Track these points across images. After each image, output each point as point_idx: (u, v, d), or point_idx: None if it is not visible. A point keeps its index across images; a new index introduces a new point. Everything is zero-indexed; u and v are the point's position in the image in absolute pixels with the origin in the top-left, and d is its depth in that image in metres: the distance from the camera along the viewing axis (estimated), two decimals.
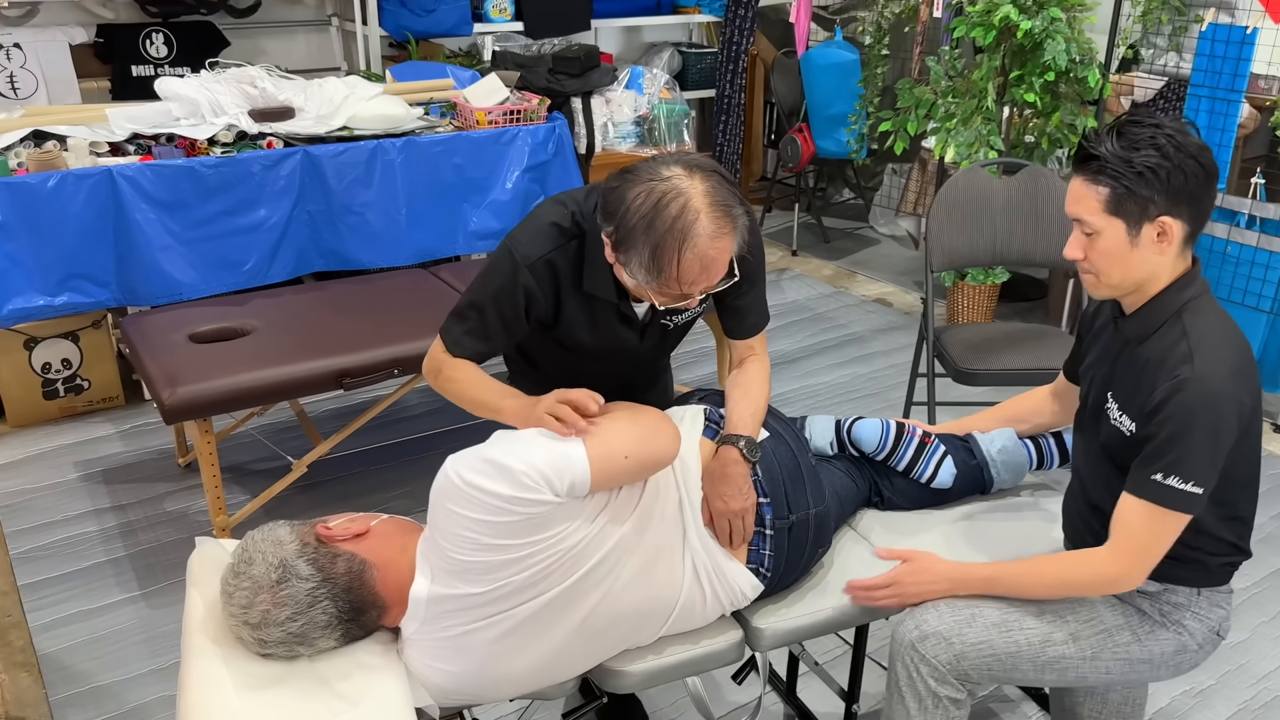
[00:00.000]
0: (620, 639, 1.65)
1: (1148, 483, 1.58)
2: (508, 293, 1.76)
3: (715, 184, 1.53)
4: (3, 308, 3.09)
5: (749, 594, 1.75)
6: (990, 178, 3.15)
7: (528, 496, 1.45)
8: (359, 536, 1.56)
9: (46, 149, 3.15)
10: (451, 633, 1.50)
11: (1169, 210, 1.57)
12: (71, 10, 4.60)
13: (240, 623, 1.48)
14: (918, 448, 2.03)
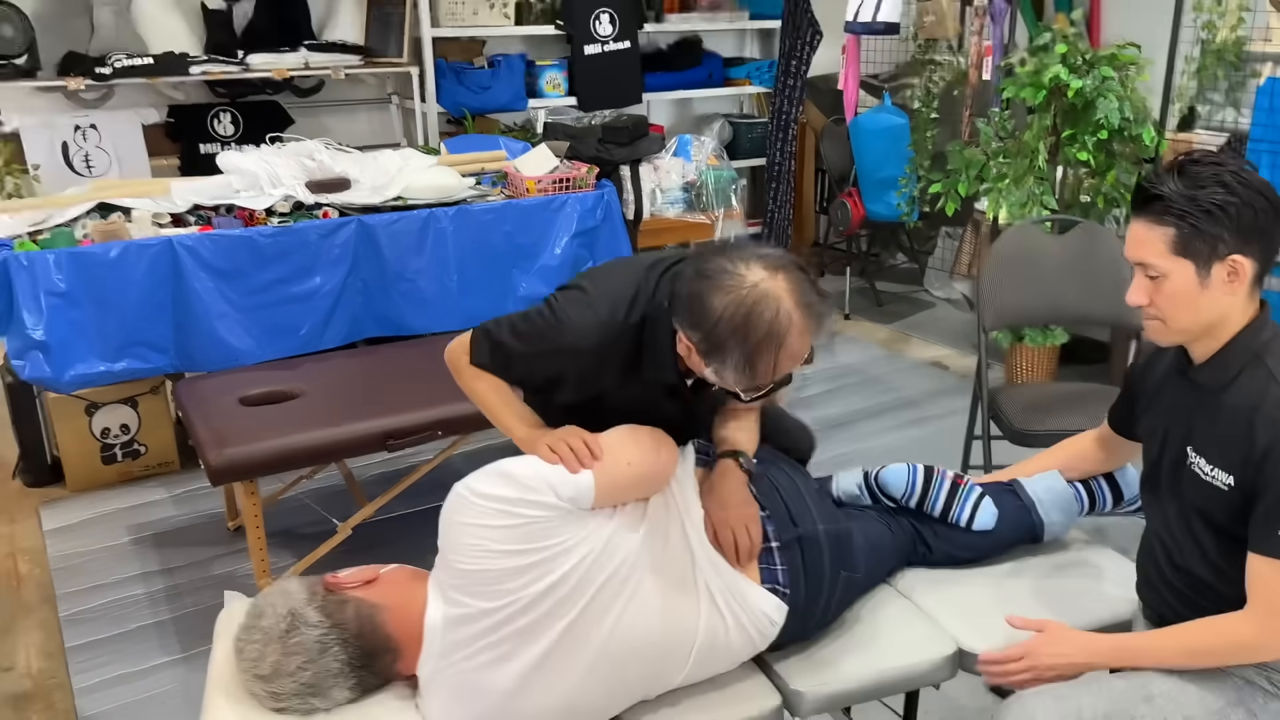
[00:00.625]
0: (644, 677, 1.60)
1: (1275, 539, 1.48)
2: (540, 363, 1.78)
3: (799, 280, 1.55)
4: (65, 374, 3.17)
5: (774, 617, 1.70)
6: (1043, 234, 3.09)
7: (530, 498, 1.49)
8: (368, 583, 1.56)
9: (111, 220, 3.26)
10: (468, 666, 1.48)
11: (1239, 248, 1.51)
12: (144, 92, 4.82)
13: (252, 676, 1.47)
14: (950, 490, 1.97)
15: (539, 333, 1.76)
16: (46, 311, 3.11)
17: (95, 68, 4.38)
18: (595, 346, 1.72)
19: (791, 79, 5.64)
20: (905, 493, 1.98)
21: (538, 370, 1.80)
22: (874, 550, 1.92)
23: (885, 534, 1.96)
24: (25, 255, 3.06)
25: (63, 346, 3.14)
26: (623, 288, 1.74)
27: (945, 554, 1.99)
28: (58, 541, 3.21)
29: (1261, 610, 1.51)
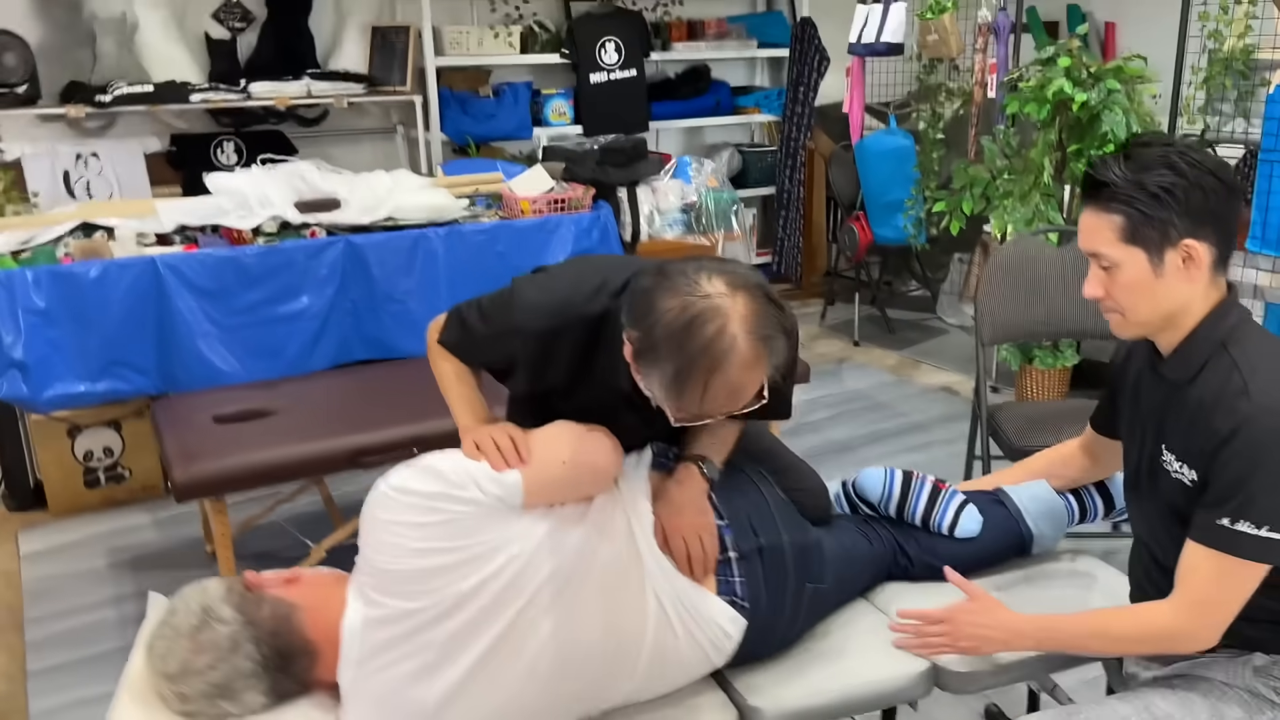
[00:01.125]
0: (587, 687, 1.49)
1: (1214, 528, 1.41)
2: (494, 346, 1.68)
3: (759, 307, 1.39)
4: (43, 393, 3.13)
5: (730, 630, 1.58)
6: (1044, 246, 2.98)
7: (452, 493, 1.40)
8: (289, 583, 1.47)
9: (93, 239, 3.23)
10: (389, 675, 1.38)
11: (1192, 232, 1.43)
12: (147, 121, 4.83)
13: (160, 675, 1.38)
14: (931, 495, 1.86)
15: (496, 311, 1.66)
16: (25, 330, 3.07)
17: (96, 96, 4.40)
18: (542, 331, 1.59)
19: (800, 106, 5.59)
20: (882, 497, 1.87)
21: (492, 353, 1.70)
22: (847, 561, 1.80)
23: (861, 543, 1.84)
24: (3, 273, 3.03)
25: (41, 366, 3.10)
26: (587, 276, 1.63)
27: (927, 566, 1.87)
28: (33, 565, 3.14)
29: (1185, 599, 1.45)
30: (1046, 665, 1.72)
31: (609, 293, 1.60)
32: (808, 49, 5.54)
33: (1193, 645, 1.47)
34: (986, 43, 4.12)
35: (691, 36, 5.87)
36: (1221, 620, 1.44)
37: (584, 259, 1.75)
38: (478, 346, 1.70)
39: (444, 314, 1.75)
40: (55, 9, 4.51)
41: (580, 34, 5.50)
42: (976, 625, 1.60)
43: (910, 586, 1.85)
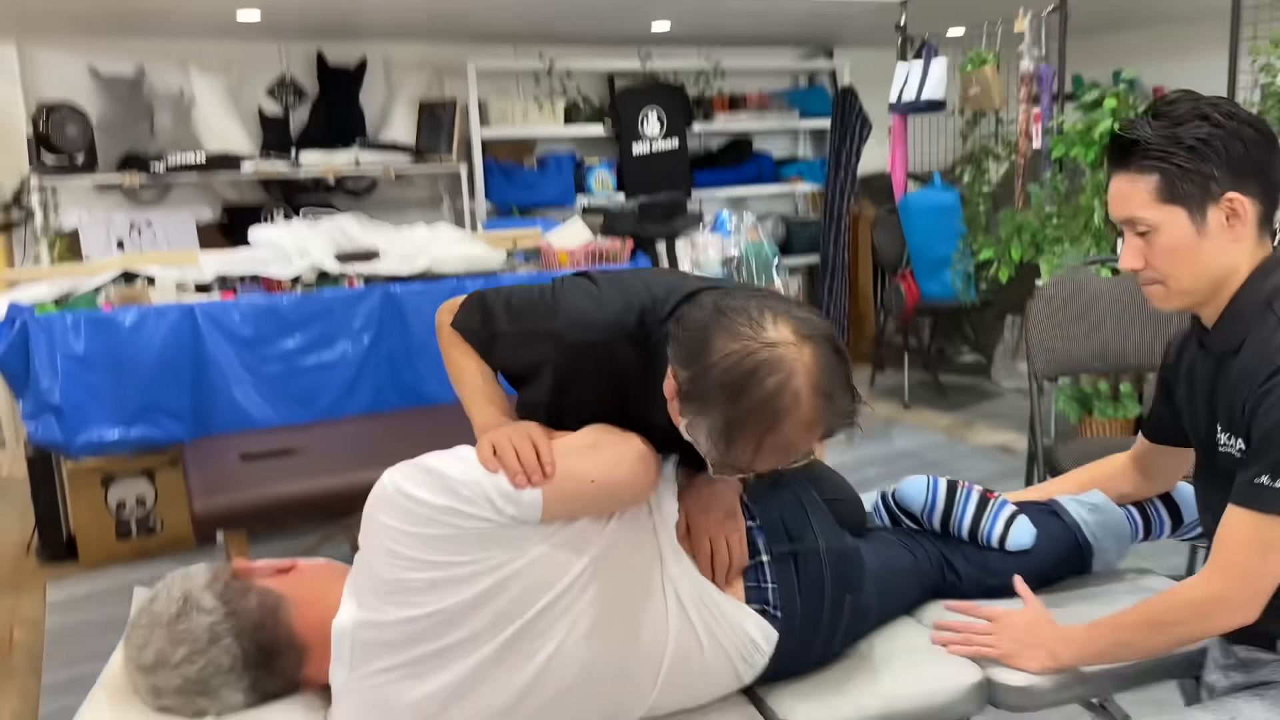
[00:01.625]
0: (602, 704, 1.34)
1: (1252, 488, 1.29)
2: (522, 348, 1.50)
3: (826, 362, 1.24)
4: (76, 438, 3.12)
5: (760, 642, 1.43)
6: (1096, 277, 2.86)
7: (463, 509, 1.25)
8: (282, 572, 1.36)
9: (133, 287, 3.26)
10: (380, 680, 1.25)
11: (1234, 185, 1.33)
12: (200, 192, 4.95)
13: (135, 668, 1.28)
14: (979, 504, 1.71)
15: (531, 311, 1.50)
16: (62, 375, 3.08)
17: (151, 165, 4.52)
18: (580, 344, 1.43)
19: (842, 172, 5.58)
20: (925, 507, 1.73)
21: (513, 354, 1.53)
22: (889, 574, 1.65)
23: (905, 557, 1.70)
24: (44, 317, 3.05)
25: (76, 410, 3.10)
26: (637, 295, 1.46)
27: (977, 583, 1.71)
28: (59, 613, 3.08)
29: (1221, 565, 1.34)
30: (1112, 682, 1.55)
31: (657, 317, 1.43)
32: (849, 116, 5.55)
33: (1232, 615, 1.34)
34: (1029, 93, 4.06)
35: (733, 108, 5.93)
36: (1262, 588, 1.31)
37: (636, 272, 1.55)
38: (499, 343, 1.53)
39: (459, 297, 1.60)
40: (116, 84, 4.68)
41: (623, 106, 5.57)
42: (1023, 629, 1.51)
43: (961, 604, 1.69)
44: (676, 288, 1.47)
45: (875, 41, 5.64)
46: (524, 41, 5.48)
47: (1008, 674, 1.50)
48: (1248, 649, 1.45)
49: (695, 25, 5.26)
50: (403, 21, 4.85)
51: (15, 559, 3.51)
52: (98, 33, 4.63)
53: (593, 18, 4.90)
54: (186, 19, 4.41)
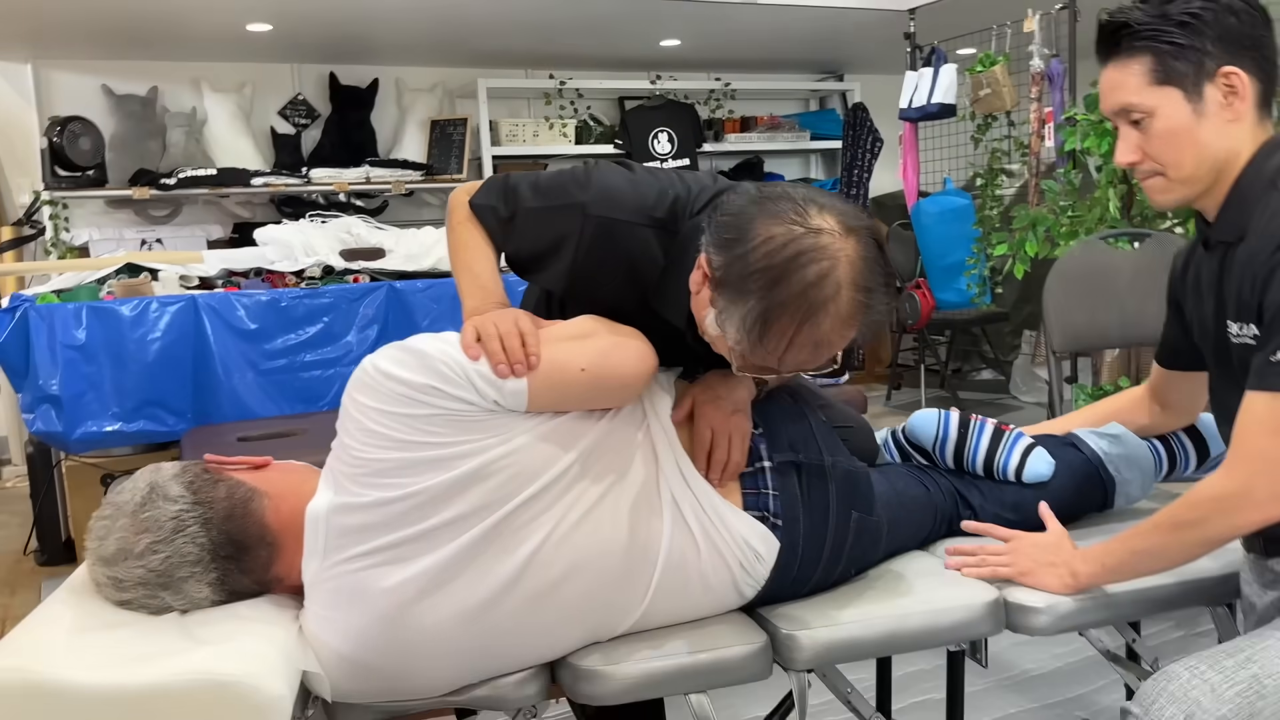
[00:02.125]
0: (590, 603, 1.26)
1: (1267, 368, 1.21)
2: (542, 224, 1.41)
3: (870, 257, 1.20)
4: (75, 430, 3.07)
5: (761, 550, 1.35)
6: (1111, 250, 2.79)
7: (444, 389, 1.19)
8: (256, 468, 1.29)
9: (137, 279, 3.24)
10: (354, 566, 1.18)
11: (1230, 60, 1.27)
12: (211, 209, 4.97)
13: (95, 560, 1.20)
14: (993, 436, 1.62)
15: (559, 186, 1.42)
16: (62, 365, 3.04)
17: (162, 180, 4.54)
18: (605, 221, 1.36)
19: (854, 189, 5.55)
20: (936, 440, 1.65)
21: (539, 231, 1.42)
22: (900, 503, 1.56)
23: (917, 489, 1.61)
24: (45, 307, 3.03)
25: (75, 401, 3.06)
26: (673, 185, 1.41)
27: (994, 517, 1.62)
28: None
29: (1238, 455, 1.25)
30: (1136, 606, 1.45)
31: (690, 209, 1.37)
32: (860, 132, 5.55)
33: (1258, 510, 1.24)
34: (1041, 92, 4.03)
35: (744, 130, 5.93)
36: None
37: (676, 170, 1.53)
38: (519, 220, 1.42)
39: (477, 183, 1.49)
40: (129, 103, 4.73)
41: (633, 125, 5.59)
42: (1042, 548, 1.43)
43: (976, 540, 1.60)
44: (712, 185, 1.42)
45: (885, 67, 5.66)
46: (535, 64, 5.52)
47: (1025, 594, 1.41)
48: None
49: (705, 48, 5.29)
50: (415, 44, 4.91)
51: (13, 561, 3.46)
52: (112, 54, 4.70)
53: (603, 38, 4.94)
54: (199, 38, 4.46)
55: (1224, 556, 1.49)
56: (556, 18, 4.49)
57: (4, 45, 4.45)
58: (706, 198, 1.39)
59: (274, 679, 1.07)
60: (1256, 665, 1.23)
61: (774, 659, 1.34)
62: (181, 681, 1.04)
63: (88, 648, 1.09)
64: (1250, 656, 1.24)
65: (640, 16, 4.53)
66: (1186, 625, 2.45)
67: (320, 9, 4.05)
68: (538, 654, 1.26)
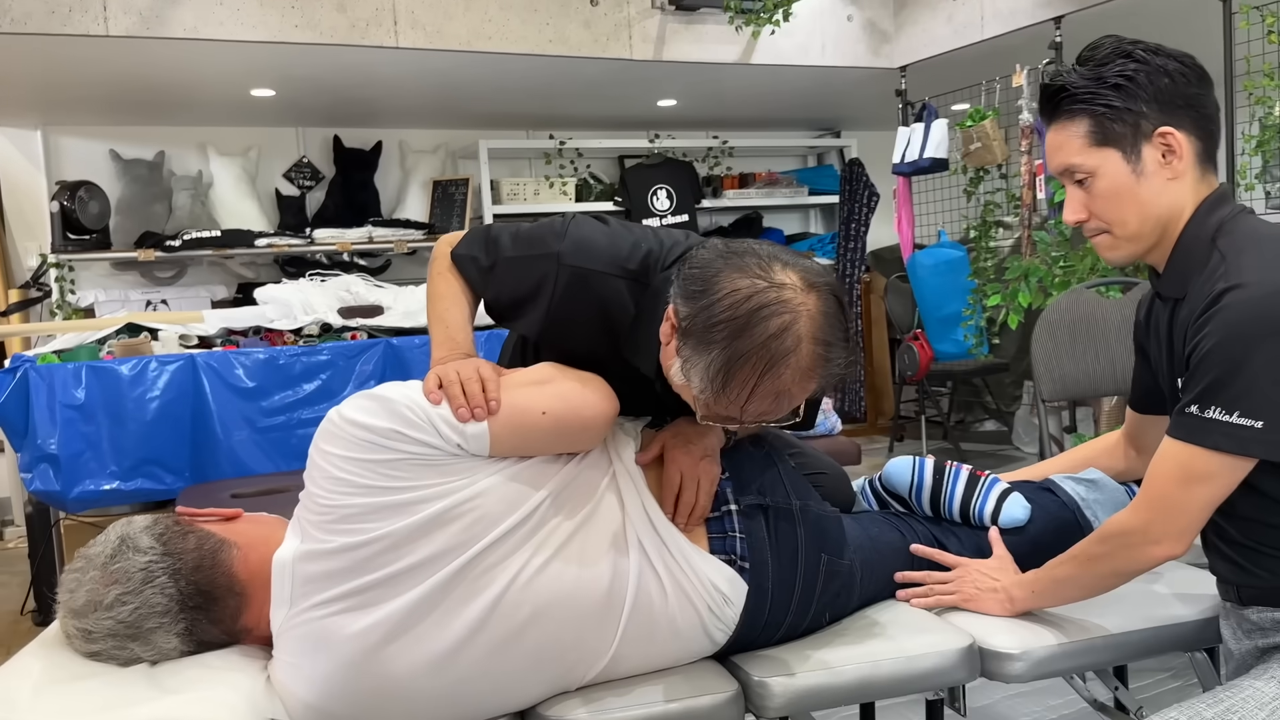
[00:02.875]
0: (557, 648, 1.26)
1: (1182, 418, 1.26)
2: (518, 271, 1.47)
3: (830, 312, 1.24)
4: (73, 489, 3.09)
5: (729, 593, 1.35)
6: (1099, 299, 2.81)
7: (409, 433, 1.22)
8: (226, 520, 1.31)
9: (137, 339, 3.28)
10: (320, 613, 1.19)
11: (1165, 120, 1.31)
12: (216, 270, 5.04)
13: (66, 612, 1.22)
14: (969, 481, 1.63)
15: (538, 237, 1.48)
16: (60, 424, 3.07)
17: (166, 241, 4.62)
18: (583, 271, 1.41)
19: (852, 242, 5.60)
20: (912, 487, 1.66)
21: (518, 279, 1.47)
22: (874, 549, 1.57)
23: (892, 535, 1.62)
24: (44, 367, 3.06)
25: (73, 461, 3.08)
26: (646, 240, 1.46)
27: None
28: None
29: (1145, 496, 1.32)
30: (1112, 653, 1.45)
31: (661, 263, 1.42)
32: (857, 187, 5.61)
33: (1156, 547, 1.30)
34: (1031, 145, 4.08)
35: (743, 185, 6.00)
36: (1183, 524, 1.28)
37: (647, 226, 1.56)
38: (498, 269, 1.48)
39: (459, 234, 1.55)
40: (136, 167, 4.82)
41: (632, 183, 5.67)
42: (984, 574, 1.52)
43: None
44: (684, 240, 1.48)
45: (881, 123, 5.73)
46: (535, 125, 5.62)
47: (1000, 640, 1.42)
48: (1259, 610, 1.35)
49: (702, 107, 5.38)
50: (417, 107, 5.01)
51: (10, 620, 3.46)
52: (120, 119, 4.81)
53: (601, 100, 5.04)
54: (205, 103, 4.57)
55: (1200, 603, 1.50)
56: (556, 81, 4.59)
57: (15, 113, 4.56)
58: (678, 252, 1.43)
59: None
60: (1236, 716, 1.23)
61: (746, 708, 1.34)
62: None
63: (54, 698, 1.10)
64: (1230, 707, 1.24)
65: (637, 79, 4.62)
66: (1184, 675, 2.42)
67: (323, 75, 4.15)
68: (505, 702, 1.27)
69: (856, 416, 5.68)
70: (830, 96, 5.32)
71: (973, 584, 1.50)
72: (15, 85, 4.08)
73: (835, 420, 3.08)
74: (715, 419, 1.29)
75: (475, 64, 4.17)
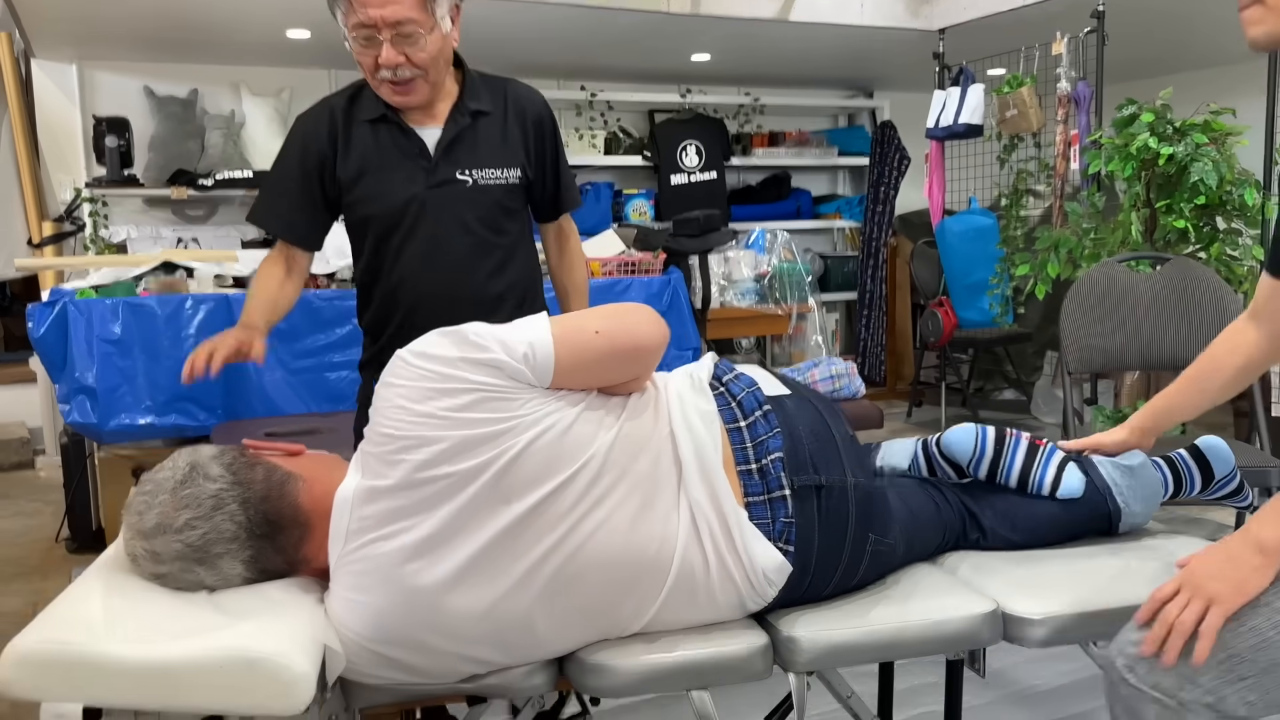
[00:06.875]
0: (605, 606, 1.30)
1: None
2: (289, 147, 1.91)
3: None
4: (109, 422, 3.15)
5: (772, 574, 1.36)
6: (1130, 273, 2.81)
7: (475, 357, 1.26)
8: (291, 454, 1.35)
9: (173, 277, 3.32)
10: (383, 549, 1.22)
11: None
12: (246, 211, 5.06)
13: (134, 534, 1.26)
14: (1028, 451, 1.63)
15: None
16: (98, 358, 3.13)
17: (199, 180, 4.65)
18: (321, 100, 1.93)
19: (881, 206, 5.58)
20: (973, 458, 1.64)
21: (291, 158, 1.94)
22: (915, 523, 1.58)
23: (928, 507, 1.62)
24: (83, 301, 3.11)
25: (110, 394, 3.14)
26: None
27: (1003, 539, 1.65)
28: None
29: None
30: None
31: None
32: (888, 150, 5.58)
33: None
34: (1067, 114, 4.05)
35: (772, 144, 5.97)
36: None
37: None
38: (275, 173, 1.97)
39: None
40: (170, 104, 4.84)
41: (662, 137, 5.65)
42: (1209, 564, 1.23)
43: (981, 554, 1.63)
44: None
45: (915, 85, 5.69)
46: (567, 75, 5.59)
47: (1023, 605, 1.45)
48: None
49: (735, 63, 5.34)
50: None
51: (45, 548, 3.55)
52: (154, 56, 4.81)
53: (635, 52, 5.00)
54: (239, 40, 4.57)
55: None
56: (590, 32, 4.56)
57: (51, 45, 4.57)
58: None
59: (301, 657, 1.12)
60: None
61: (775, 660, 1.38)
62: (215, 657, 1.10)
63: (125, 622, 1.15)
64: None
65: (672, 33, 4.59)
66: None
67: None
68: (549, 649, 1.31)
69: (876, 380, 5.70)
70: (865, 56, 5.27)
71: (1211, 577, 1.22)
72: (52, 18, 4.09)
73: (859, 384, 3.11)
74: (362, 39, 1.74)
75: (512, 12, 4.15)
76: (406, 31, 1.73)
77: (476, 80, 1.94)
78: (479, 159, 1.89)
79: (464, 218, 1.88)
